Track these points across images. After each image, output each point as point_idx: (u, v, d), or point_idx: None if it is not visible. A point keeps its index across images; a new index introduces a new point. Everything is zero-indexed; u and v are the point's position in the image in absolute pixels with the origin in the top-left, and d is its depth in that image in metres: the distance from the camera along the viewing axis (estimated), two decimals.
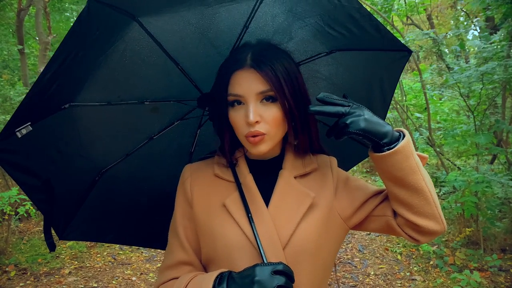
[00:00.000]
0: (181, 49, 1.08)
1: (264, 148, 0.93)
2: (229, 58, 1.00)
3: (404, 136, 0.88)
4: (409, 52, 1.21)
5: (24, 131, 0.94)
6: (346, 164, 1.38)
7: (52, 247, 1.10)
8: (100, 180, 1.25)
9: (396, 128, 0.91)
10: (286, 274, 0.78)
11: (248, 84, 0.91)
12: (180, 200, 1.01)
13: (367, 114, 0.86)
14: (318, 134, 1.02)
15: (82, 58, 0.93)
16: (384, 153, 0.86)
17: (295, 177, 0.99)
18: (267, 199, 0.95)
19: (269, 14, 1.04)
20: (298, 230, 0.92)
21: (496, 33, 4.61)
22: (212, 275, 0.84)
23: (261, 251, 0.86)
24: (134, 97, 1.17)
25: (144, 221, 1.40)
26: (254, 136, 0.90)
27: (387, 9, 5.09)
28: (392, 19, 5.70)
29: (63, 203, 1.18)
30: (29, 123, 0.95)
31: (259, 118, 0.90)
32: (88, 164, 1.22)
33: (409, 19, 8.25)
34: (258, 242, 0.87)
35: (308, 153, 1.04)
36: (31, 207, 4.43)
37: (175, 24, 1.01)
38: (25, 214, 4.46)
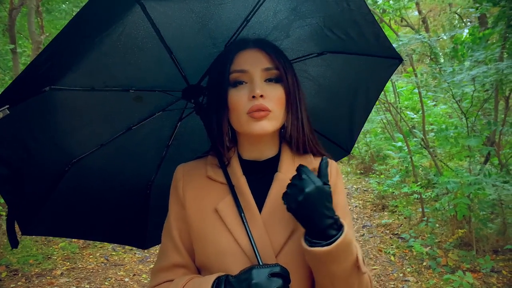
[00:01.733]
0: (177, 38, 1.04)
1: (267, 126, 0.89)
2: (229, 47, 1.00)
3: (333, 242, 0.78)
4: (400, 60, 1.21)
5: (0, 115, 0.86)
6: None
7: (14, 243, 1.03)
8: (70, 171, 1.16)
9: (342, 224, 0.81)
10: (283, 276, 0.77)
11: (253, 60, 0.91)
12: (173, 202, 0.98)
13: (314, 199, 0.77)
14: (313, 130, 1.00)
15: (77, 42, 0.89)
16: (301, 243, 0.81)
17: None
18: (260, 203, 0.92)
19: (271, 10, 1.02)
20: (291, 238, 0.89)
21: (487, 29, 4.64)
22: (210, 278, 0.82)
23: (257, 254, 0.84)
24: (119, 84, 1.10)
25: (114, 216, 1.33)
26: (258, 111, 0.87)
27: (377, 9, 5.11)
28: (390, 21, 5.73)
29: (29, 195, 1.10)
30: (7, 106, 0.86)
31: (264, 93, 0.89)
32: (60, 154, 1.14)
33: (403, 21, 8.30)
34: (254, 247, 0.85)
35: (306, 154, 0.99)
36: None
37: (177, 10, 0.97)
38: None
